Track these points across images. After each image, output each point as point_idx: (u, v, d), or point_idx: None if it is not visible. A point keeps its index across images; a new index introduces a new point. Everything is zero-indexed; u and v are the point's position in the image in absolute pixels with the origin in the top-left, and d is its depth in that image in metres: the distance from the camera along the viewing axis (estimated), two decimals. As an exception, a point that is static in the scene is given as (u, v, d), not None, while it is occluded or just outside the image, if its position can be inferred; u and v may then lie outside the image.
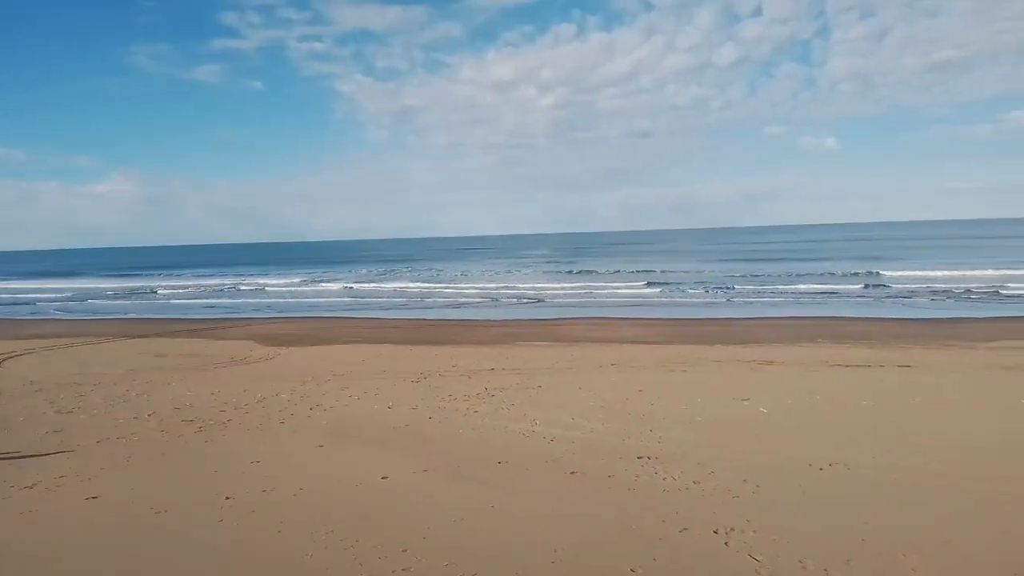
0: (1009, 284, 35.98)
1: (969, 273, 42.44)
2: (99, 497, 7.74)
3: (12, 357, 19.20)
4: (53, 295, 51.23)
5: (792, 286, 40.23)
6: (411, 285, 52.04)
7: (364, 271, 72.62)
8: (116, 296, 50.12)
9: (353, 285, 53.93)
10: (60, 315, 36.60)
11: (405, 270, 72.63)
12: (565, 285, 47.15)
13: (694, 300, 36.39)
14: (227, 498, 7.59)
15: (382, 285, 53.16)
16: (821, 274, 47.23)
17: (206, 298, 46.58)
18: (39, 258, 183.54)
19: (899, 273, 44.55)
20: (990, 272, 42.32)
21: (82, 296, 49.83)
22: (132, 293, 52.10)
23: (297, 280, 60.53)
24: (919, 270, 45.87)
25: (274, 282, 58.26)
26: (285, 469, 8.68)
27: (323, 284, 56.02)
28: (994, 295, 32.58)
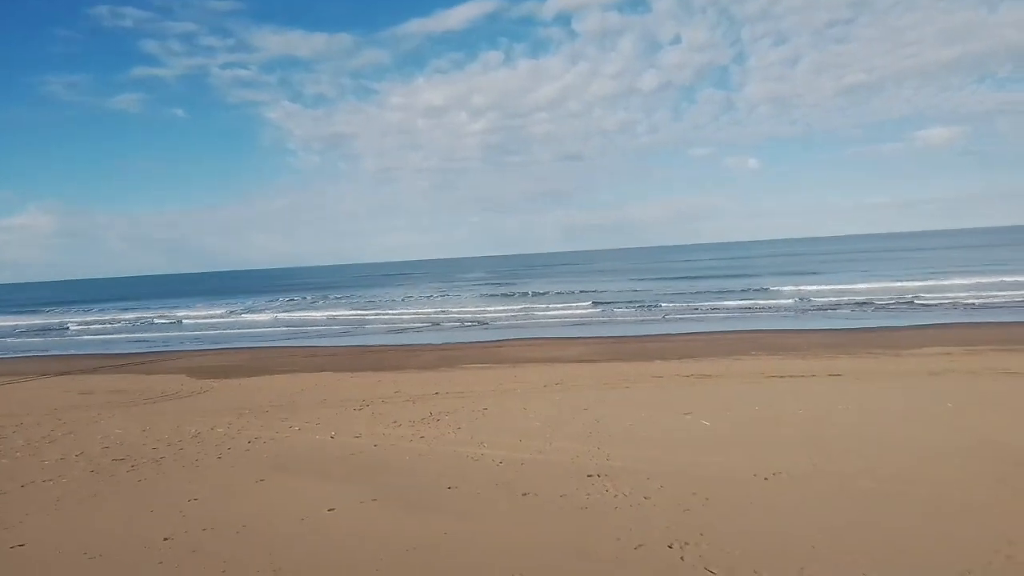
0: (922, 294, 37.93)
1: (889, 285, 44.55)
2: (26, 544, 7.26)
3: (-81, 401, 17.91)
4: (-37, 333, 48.23)
5: (724, 302, 41.39)
6: (349, 312, 51.19)
7: (299, 299, 71.09)
8: (33, 332, 47.55)
9: (288, 314, 52.68)
10: (-29, 354, 34.44)
11: (342, 297, 71.43)
12: (505, 307, 47.23)
13: (632, 318, 37.00)
14: (165, 539, 7.23)
15: (318, 312, 52.12)
16: (751, 289, 48.74)
17: (132, 332, 44.70)
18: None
19: (824, 287, 46.34)
20: (907, 284, 44.52)
21: (1, 333, 47.09)
22: (48, 329, 49.52)
23: (229, 310, 58.73)
24: (842, 283, 47.86)
25: (204, 313, 56.37)
26: (225, 506, 8.34)
27: (257, 313, 54.51)
28: (910, 305, 34.25)
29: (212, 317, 52.74)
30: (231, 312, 56.45)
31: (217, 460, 10.62)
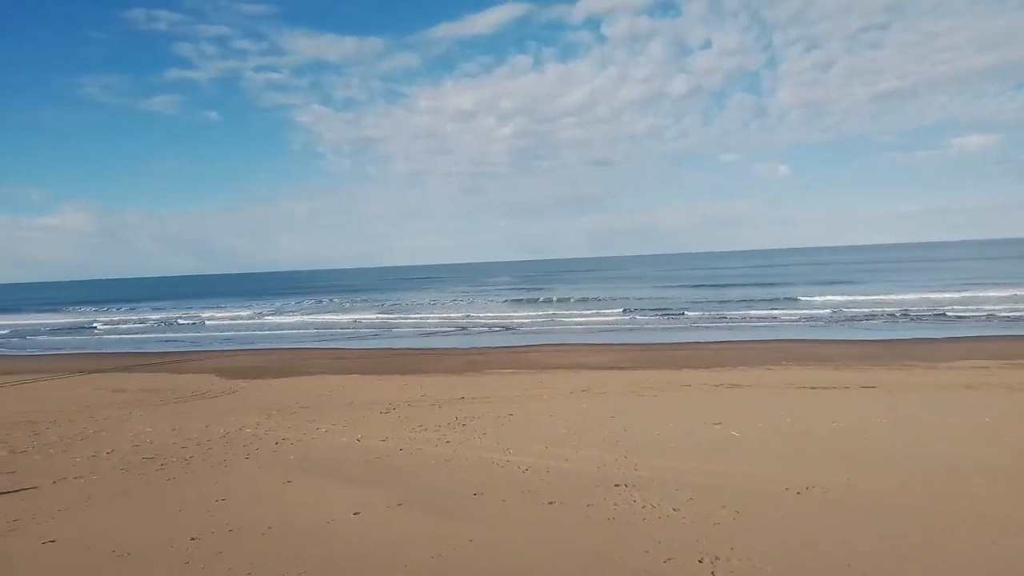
0: (956, 306, 37.09)
1: (921, 296, 43.67)
2: (57, 541, 7.35)
3: (-42, 395, 18.35)
4: (1, 327, 49.45)
5: (753, 310, 40.86)
6: (376, 314, 51.54)
7: (326, 301, 71.75)
8: (65, 331, 48.56)
9: (315, 316, 53.16)
10: (5, 351, 35.28)
11: (369, 300, 71.93)
12: (531, 313, 47.17)
13: (659, 325, 36.68)
14: (192, 539, 7.27)
15: (345, 315, 52.52)
16: (780, 298, 48.04)
17: (162, 331, 45.44)
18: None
19: (855, 297, 45.55)
20: (941, 295, 43.60)
21: (31, 332, 48.17)
22: (80, 328, 50.52)
23: (257, 311, 59.48)
24: (873, 293, 47.04)
25: (233, 314, 57.15)
26: (252, 507, 8.37)
27: (284, 315, 55.12)
28: (943, 317, 33.49)
29: (240, 318, 53.42)
30: (259, 313, 57.17)
31: (245, 460, 10.69)
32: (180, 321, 52.76)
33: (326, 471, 9.92)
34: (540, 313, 45.95)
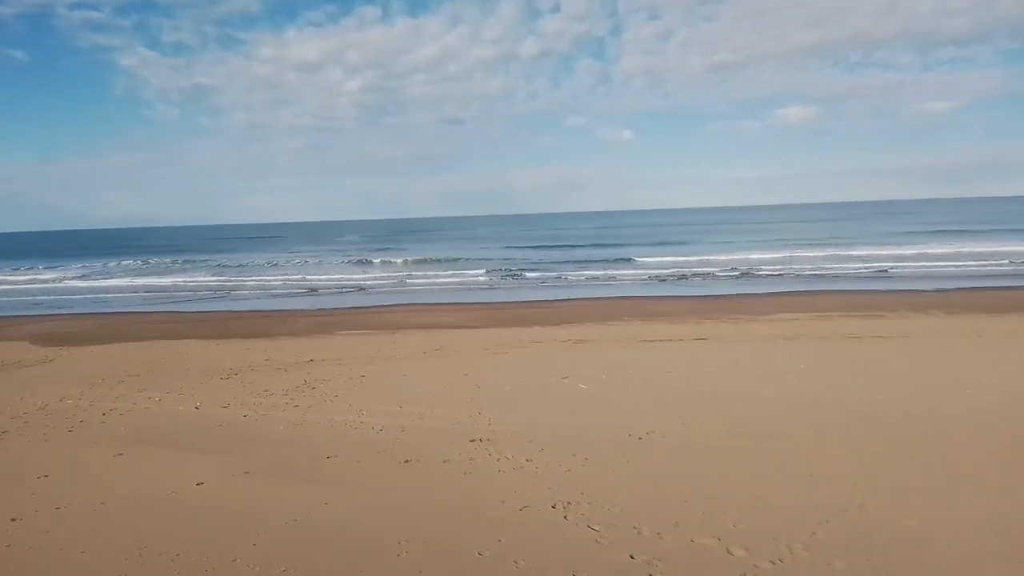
0: (777, 264, 40.90)
1: (749, 255, 47.70)
2: None
3: None
4: None
5: (598, 270, 42.74)
6: (212, 275, 48.47)
7: (155, 261, 66.44)
8: None
9: (144, 278, 49.15)
10: None
11: (205, 260, 67.46)
12: (381, 273, 46.43)
13: (509, 284, 37.43)
14: (13, 520, 6.59)
15: (177, 276, 48.99)
16: (623, 258, 50.62)
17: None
18: None
19: (691, 257, 48.89)
20: (766, 254, 47.87)
21: None
22: None
23: (77, 272, 54.01)
24: (707, 253, 50.80)
25: (49, 276, 51.55)
26: (81, 483, 7.70)
27: (109, 277, 50.48)
28: (764, 274, 36.83)
29: (57, 280, 48.26)
30: (79, 275, 51.93)
31: (68, 434, 9.77)
32: (9, 281, 46.83)
33: (162, 442, 9.30)
34: (390, 273, 45.34)
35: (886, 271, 35.80)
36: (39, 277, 50.29)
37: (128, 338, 20.11)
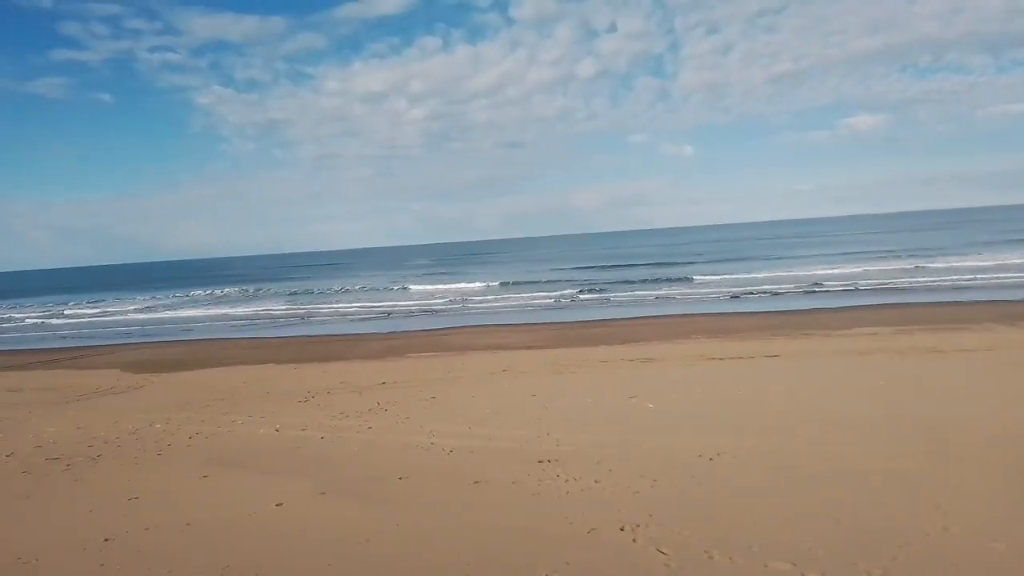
0: (849, 278, 39.48)
1: (818, 268, 46.26)
2: (-49, 554, 6.90)
3: None
4: None
5: (663, 287, 42.25)
6: (289, 301, 50.20)
7: (236, 289, 69.19)
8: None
9: (226, 306, 51.27)
10: None
11: (281, 287, 69.91)
12: (449, 296, 47.06)
13: (575, 303, 37.38)
14: (106, 540, 6.98)
15: (257, 303, 50.92)
16: (689, 275, 49.83)
17: (58, 325, 42.79)
18: None
19: (758, 272, 47.74)
20: (836, 267, 46.31)
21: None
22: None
23: (162, 302, 56.83)
24: (773, 268, 49.55)
25: (135, 305, 54.40)
26: (168, 504, 8.11)
27: (193, 306, 52.89)
28: (837, 288, 35.61)
29: (144, 309, 50.89)
30: (164, 304, 54.64)
31: (157, 457, 10.30)
32: (84, 313, 49.83)
33: (244, 463, 9.69)
34: (457, 296, 45.93)
35: (966, 282, 34.07)
36: (126, 308, 53.06)
37: (212, 364, 21.05)
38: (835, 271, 44.14)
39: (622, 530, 6.49)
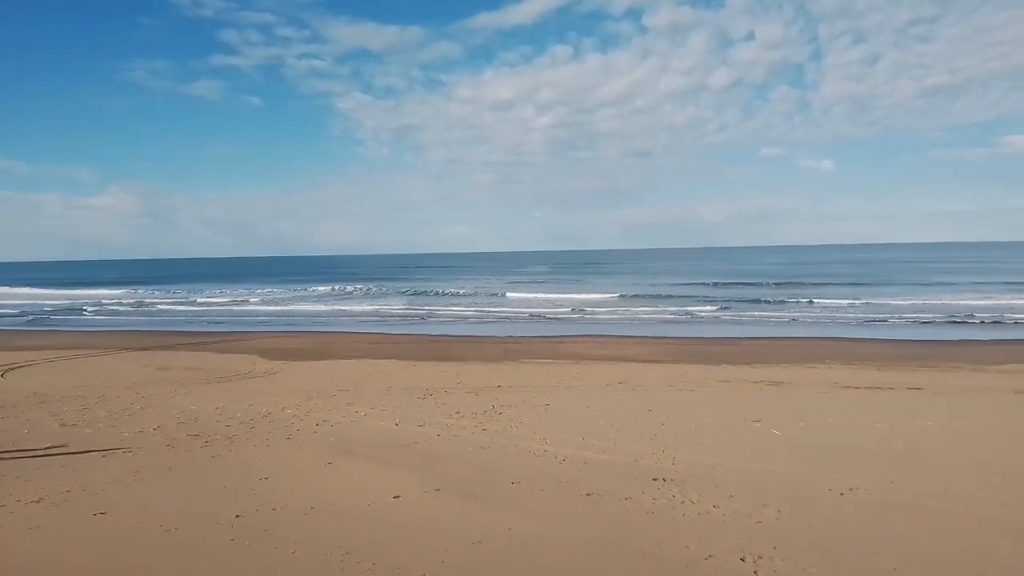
0: (1007, 311, 35.95)
1: (970, 297, 42.48)
2: (107, 513, 7.57)
3: (14, 368, 19.02)
4: (52, 304, 51.14)
5: (794, 308, 40.20)
6: (412, 300, 51.97)
7: (363, 286, 72.44)
8: (115, 308, 49.91)
9: (353, 302, 53.79)
10: (56, 327, 36.41)
11: (405, 285, 72.51)
12: (567, 303, 47.04)
13: (697, 319, 36.29)
14: (237, 516, 7.42)
15: (382, 300, 53.06)
16: (823, 296, 47.10)
17: (205, 311, 46.42)
18: (39, 268, 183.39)
19: (901, 297, 44.48)
20: (990, 296, 42.35)
21: (78, 307, 49.62)
22: (132, 306, 51.90)
23: (298, 294, 60.41)
24: (919, 294, 45.92)
25: (275, 296, 58.13)
26: (294, 487, 8.52)
27: (323, 299, 55.87)
28: (993, 320, 32.52)
29: (282, 301, 54.28)
30: (300, 296, 58.04)
31: (287, 441, 10.88)
32: (228, 301, 53.90)
33: (365, 454, 10.04)
34: (576, 304, 45.80)
35: None
36: (265, 297, 56.79)
37: (339, 355, 22.09)
38: (985, 302, 40.29)
39: (743, 560, 6.17)
